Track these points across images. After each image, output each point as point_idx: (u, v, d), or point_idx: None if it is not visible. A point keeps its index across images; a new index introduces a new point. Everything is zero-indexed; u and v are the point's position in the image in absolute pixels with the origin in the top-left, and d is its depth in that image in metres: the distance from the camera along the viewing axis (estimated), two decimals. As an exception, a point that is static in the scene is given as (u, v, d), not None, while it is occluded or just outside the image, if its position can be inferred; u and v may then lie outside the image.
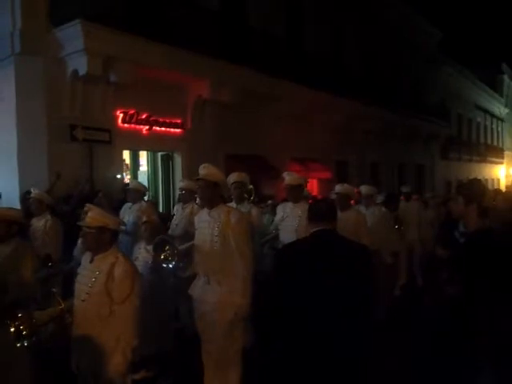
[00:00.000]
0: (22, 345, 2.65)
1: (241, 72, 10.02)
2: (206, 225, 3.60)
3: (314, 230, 2.64)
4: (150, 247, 4.36)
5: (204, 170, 3.56)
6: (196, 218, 3.86)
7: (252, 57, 10.35)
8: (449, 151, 23.37)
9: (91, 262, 2.93)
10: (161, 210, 9.68)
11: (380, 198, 6.82)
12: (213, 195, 3.58)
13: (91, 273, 2.88)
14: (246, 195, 5.18)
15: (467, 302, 2.98)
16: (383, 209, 6.21)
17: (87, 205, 3.00)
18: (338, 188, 5.61)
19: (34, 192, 5.23)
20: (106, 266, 2.86)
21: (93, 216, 2.88)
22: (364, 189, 6.34)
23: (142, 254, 4.38)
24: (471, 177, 26.64)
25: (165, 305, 4.40)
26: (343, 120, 13.93)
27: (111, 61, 8.00)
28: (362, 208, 6.17)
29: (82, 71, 7.85)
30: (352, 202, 6.03)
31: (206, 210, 3.70)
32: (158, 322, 4.19)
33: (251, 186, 5.37)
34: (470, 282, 2.94)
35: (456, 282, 3.18)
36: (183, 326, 5.07)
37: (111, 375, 2.79)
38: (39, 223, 4.96)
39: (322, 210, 2.67)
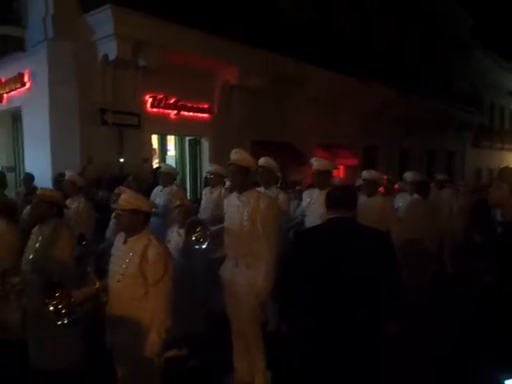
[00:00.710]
0: (62, 323, 2.72)
1: (269, 57, 9.94)
2: (236, 209, 3.64)
3: (331, 216, 2.59)
4: (182, 231, 4.44)
5: (235, 154, 3.58)
6: (226, 202, 3.89)
7: (281, 42, 10.24)
8: (480, 139, 22.77)
9: (124, 243, 2.98)
10: (188, 194, 9.78)
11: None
12: (243, 180, 3.61)
13: (125, 254, 2.94)
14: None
15: (502, 293, 2.92)
16: (416, 196, 6.05)
17: (120, 187, 3.06)
18: (365, 174, 5.56)
19: (68, 174, 5.36)
20: (139, 248, 2.90)
21: (126, 199, 2.92)
22: (408, 176, 6.21)
23: (175, 237, 4.45)
24: (502, 165, 25.96)
25: (196, 287, 4.47)
26: (372, 106, 13.69)
27: (141, 45, 8.05)
28: (406, 195, 6.09)
29: (112, 56, 7.93)
30: (380, 189, 5.97)
31: (235, 195, 3.73)
32: (189, 304, 4.26)
33: (280, 173, 5.36)
34: (506, 272, 2.88)
35: (491, 272, 3.11)
36: (213, 307, 5.14)
37: (145, 354, 2.86)
38: (72, 205, 5.08)
39: (340, 198, 2.62)
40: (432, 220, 5.88)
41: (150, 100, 9.09)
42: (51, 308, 2.74)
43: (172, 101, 9.42)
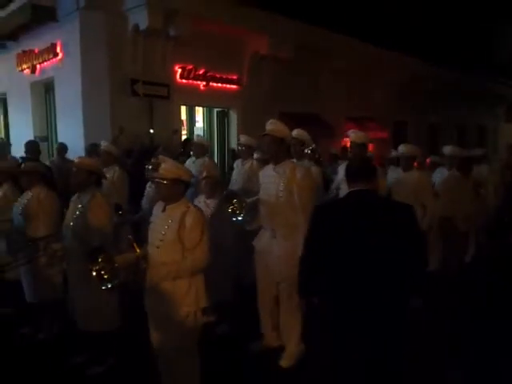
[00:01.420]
0: (106, 288, 2.84)
1: (299, 27, 9.75)
2: (272, 180, 3.65)
3: (352, 189, 2.58)
4: (209, 201, 4.50)
5: (271, 125, 3.58)
6: (261, 173, 3.91)
7: (311, 11, 9.99)
8: (514, 113, 21.97)
9: (163, 211, 3.05)
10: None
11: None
12: (278, 151, 3.61)
13: (164, 221, 3.00)
14: (307, 151, 5.15)
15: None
16: (456, 172, 5.85)
17: (160, 157, 3.10)
18: (401, 148, 5.45)
19: (104, 144, 5.44)
20: (177, 215, 2.96)
21: (167, 168, 2.96)
22: (447, 149, 6.05)
23: (202, 207, 4.50)
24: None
25: (224, 256, 4.54)
26: (404, 78, 13.33)
27: (171, 15, 8.01)
28: (444, 170, 5.97)
29: (143, 25, 7.92)
30: (415, 163, 5.86)
31: (271, 166, 3.74)
32: (217, 272, 4.33)
33: (314, 145, 5.32)
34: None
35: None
36: (242, 276, 5.24)
37: (183, 318, 2.96)
38: (107, 174, 5.16)
39: (358, 170, 2.60)
40: (473, 198, 5.72)
41: (180, 71, 9.09)
42: (94, 273, 2.84)
43: (201, 72, 9.39)
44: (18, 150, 8.27)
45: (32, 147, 6.73)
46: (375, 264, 2.40)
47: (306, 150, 5.29)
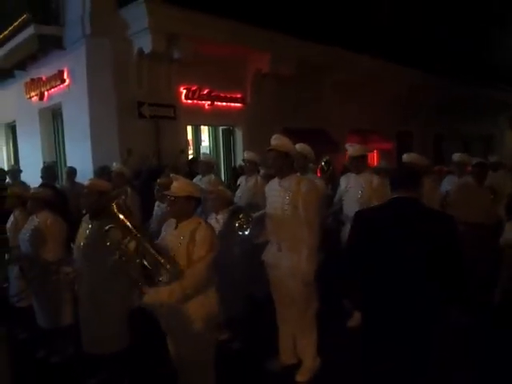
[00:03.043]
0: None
1: (300, 43, 9.90)
2: (277, 194, 3.70)
3: (393, 197, 2.58)
4: (219, 217, 4.56)
5: (275, 140, 3.64)
6: (267, 188, 3.96)
7: (311, 28, 10.16)
8: (519, 121, 21.93)
9: (176, 228, 3.11)
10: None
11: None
12: (284, 165, 3.65)
13: (176, 238, 3.05)
14: (322, 164, 5.23)
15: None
16: (471, 179, 5.72)
17: (172, 175, 3.17)
18: (405, 157, 5.50)
19: (116, 166, 5.56)
20: (188, 232, 3.01)
21: (179, 186, 3.03)
22: (456, 157, 6.06)
23: (213, 224, 4.55)
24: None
25: (236, 271, 4.57)
26: (405, 90, 13.44)
27: (174, 38, 8.21)
28: (454, 178, 5.98)
29: (147, 49, 8.11)
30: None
31: (276, 180, 3.79)
32: (230, 288, 4.36)
33: (327, 157, 5.40)
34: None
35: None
36: (254, 290, 5.25)
37: (198, 334, 3.02)
38: (121, 195, 5.25)
39: (399, 178, 2.60)
40: (487, 206, 5.55)
41: (185, 91, 9.26)
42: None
43: (205, 91, 9.56)
44: (27, 176, 8.45)
45: (48, 172, 6.85)
46: (410, 273, 2.38)
47: (321, 162, 5.37)
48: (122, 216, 2.82)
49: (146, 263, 2.84)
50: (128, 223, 2.82)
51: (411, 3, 14.38)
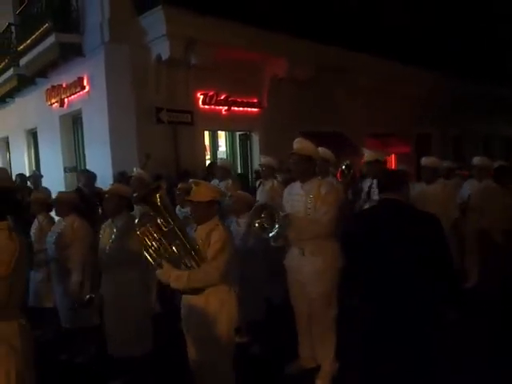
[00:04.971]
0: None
1: (316, 47, 9.90)
2: (299, 198, 3.70)
3: (381, 198, 2.75)
4: (240, 220, 4.59)
5: (297, 144, 3.64)
6: (286, 191, 3.96)
7: (326, 31, 10.16)
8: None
9: (195, 230, 3.14)
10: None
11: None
12: (306, 169, 3.66)
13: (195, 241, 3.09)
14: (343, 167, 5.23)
15: None
16: (493, 183, 5.66)
17: (194, 180, 3.20)
18: (423, 161, 5.48)
19: (137, 171, 5.63)
20: (205, 233, 3.07)
21: (202, 191, 3.07)
22: (477, 160, 5.99)
23: (234, 227, 4.59)
24: None
25: (255, 275, 4.57)
26: (423, 92, 13.29)
27: (192, 44, 8.28)
28: (474, 181, 5.90)
29: (165, 56, 8.20)
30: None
31: (298, 184, 3.79)
32: (248, 292, 4.37)
33: (348, 161, 5.38)
34: None
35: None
36: (272, 295, 5.25)
37: (217, 337, 3.05)
38: (139, 200, 5.31)
39: (386, 181, 2.75)
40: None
41: (202, 97, 9.32)
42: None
43: (222, 97, 9.60)
44: (48, 182, 8.60)
45: (86, 177, 6.96)
46: (400, 272, 2.46)
47: (342, 166, 5.37)
48: (162, 205, 2.89)
49: (174, 249, 2.93)
50: (166, 213, 2.90)
51: (426, 7, 14.28)
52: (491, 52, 16.91)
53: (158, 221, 2.87)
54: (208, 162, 9.46)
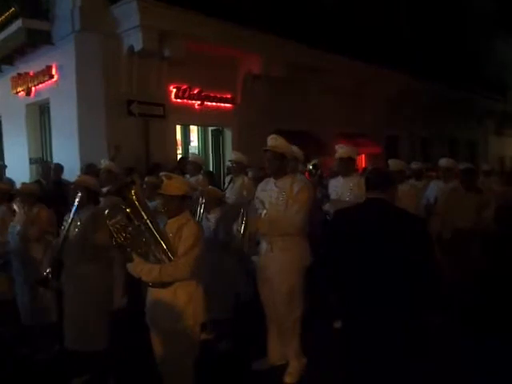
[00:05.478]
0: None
1: (291, 46, 9.93)
2: (272, 194, 3.69)
3: (367, 197, 2.67)
4: (210, 216, 4.55)
5: (272, 141, 3.63)
6: (260, 187, 3.95)
7: (302, 31, 10.19)
8: (503, 127, 22.29)
9: (165, 224, 3.09)
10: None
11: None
12: (279, 166, 3.66)
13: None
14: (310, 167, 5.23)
15: None
16: (459, 185, 5.59)
17: (166, 173, 3.15)
18: (390, 164, 5.57)
19: (105, 163, 5.50)
20: (176, 227, 3.02)
21: (176, 185, 3.03)
22: (443, 162, 6.09)
23: (204, 222, 4.54)
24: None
25: (224, 271, 4.54)
26: (394, 94, 13.55)
27: (166, 36, 8.14)
28: (440, 183, 5.98)
29: (138, 47, 8.02)
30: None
31: (271, 180, 3.78)
32: (217, 288, 4.34)
33: (316, 161, 5.39)
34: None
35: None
36: (240, 291, 5.24)
37: (182, 332, 3.04)
38: (107, 192, 5.19)
39: (373, 179, 2.67)
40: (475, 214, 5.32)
41: (175, 90, 9.18)
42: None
43: (196, 91, 9.49)
44: (12, 172, 8.31)
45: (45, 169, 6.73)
46: (382, 272, 2.42)
47: (309, 166, 5.36)
48: (136, 200, 2.85)
49: (145, 242, 2.90)
50: (140, 208, 2.86)
51: (399, 10, 14.55)
52: (460, 56, 17.40)
53: (130, 214, 2.81)
54: (179, 157, 9.34)
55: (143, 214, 2.84)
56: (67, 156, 8.38)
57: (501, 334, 4.32)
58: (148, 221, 2.84)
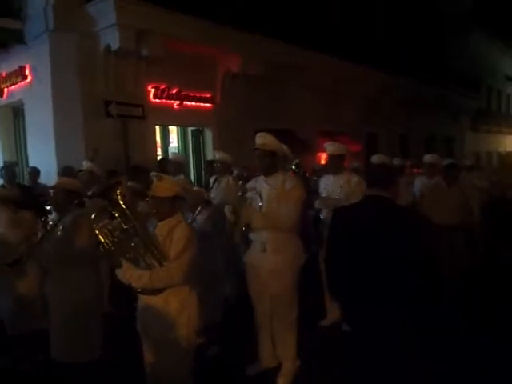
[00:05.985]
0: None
1: (270, 45, 9.87)
2: (263, 190, 3.62)
3: (367, 194, 2.60)
4: (196, 217, 4.44)
5: (261, 139, 3.56)
6: (250, 185, 3.85)
7: (280, 29, 10.16)
8: (478, 122, 22.81)
9: (155, 227, 2.98)
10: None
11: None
12: (270, 164, 3.60)
13: (155, 237, 2.93)
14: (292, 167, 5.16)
15: None
16: (439, 180, 5.70)
17: (156, 174, 3.04)
18: (374, 159, 5.60)
19: (86, 165, 5.33)
20: (167, 229, 2.92)
21: (168, 186, 2.92)
22: (427, 158, 6.14)
23: (189, 223, 4.43)
24: (501, 149, 26.05)
25: (213, 275, 4.45)
26: (373, 91, 13.67)
27: (143, 35, 7.96)
28: (423, 179, 6.02)
29: (115, 46, 7.83)
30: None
31: (262, 178, 3.71)
32: (206, 292, 4.24)
33: (297, 160, 5.34)
34: None
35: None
36: (229, 294, 5.16)
37: (175, 341, 2.92)
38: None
39: (374, 175, 2.62)
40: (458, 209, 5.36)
41: (153, 90, 9.01)
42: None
43: (175, 91, 9.34)
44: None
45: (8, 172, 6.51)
46: (383, 270, 2.37)
47: (292, 165, 5.31)
48: (122, 202, 2.77)
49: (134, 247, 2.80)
50: (127, 211, 2.77)
51: (376, 8, 14.69)
52: (437, 54, 17.68)
53: (118, 217, 2.69)
54: (159, 158, 9.18)
55: (131, 216, 2.72)
56: (43, 159, 8.13)
57: (493, 329, 4.36)
58: (136, 224, 2.72)
